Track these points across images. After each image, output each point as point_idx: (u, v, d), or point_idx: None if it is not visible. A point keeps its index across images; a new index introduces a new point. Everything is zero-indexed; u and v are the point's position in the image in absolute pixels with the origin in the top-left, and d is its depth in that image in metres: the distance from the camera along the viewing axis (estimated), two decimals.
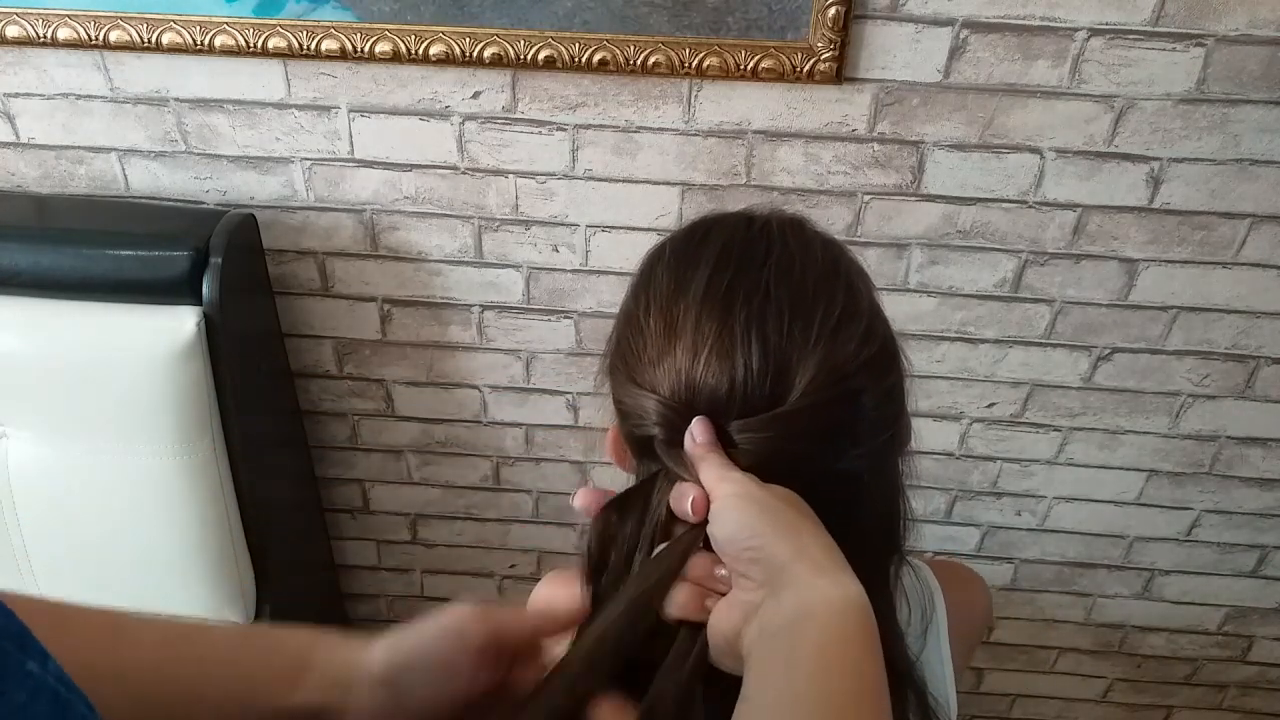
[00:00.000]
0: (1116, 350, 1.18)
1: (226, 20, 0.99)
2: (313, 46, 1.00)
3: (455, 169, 1.10)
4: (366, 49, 1.00)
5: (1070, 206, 1.07)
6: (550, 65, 0.99)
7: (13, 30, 1.00)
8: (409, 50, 0.99)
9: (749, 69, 0.98)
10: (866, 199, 1.08)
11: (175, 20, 1.00)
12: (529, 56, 0.99)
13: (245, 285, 1.10)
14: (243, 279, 1.09)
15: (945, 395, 1.23)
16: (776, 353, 0.48)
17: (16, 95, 1.08)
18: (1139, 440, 1.25)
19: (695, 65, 0.98)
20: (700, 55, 0.98)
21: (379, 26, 0.99)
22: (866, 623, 0.41)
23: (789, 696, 0.39)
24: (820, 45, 0.96)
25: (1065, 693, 1.56)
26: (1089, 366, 1.19)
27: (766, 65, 0.97)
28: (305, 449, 1.33)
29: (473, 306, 1.20)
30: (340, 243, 1.16)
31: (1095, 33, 0.96)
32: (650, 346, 0.51)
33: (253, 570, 1.16)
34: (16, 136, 1.10)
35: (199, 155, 1.11)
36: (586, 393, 1.27)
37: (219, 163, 1.11)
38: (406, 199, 1.12)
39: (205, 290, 1.01)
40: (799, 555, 0.42)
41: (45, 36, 1.01)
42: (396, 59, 1.00)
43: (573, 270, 1.16)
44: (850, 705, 0.39)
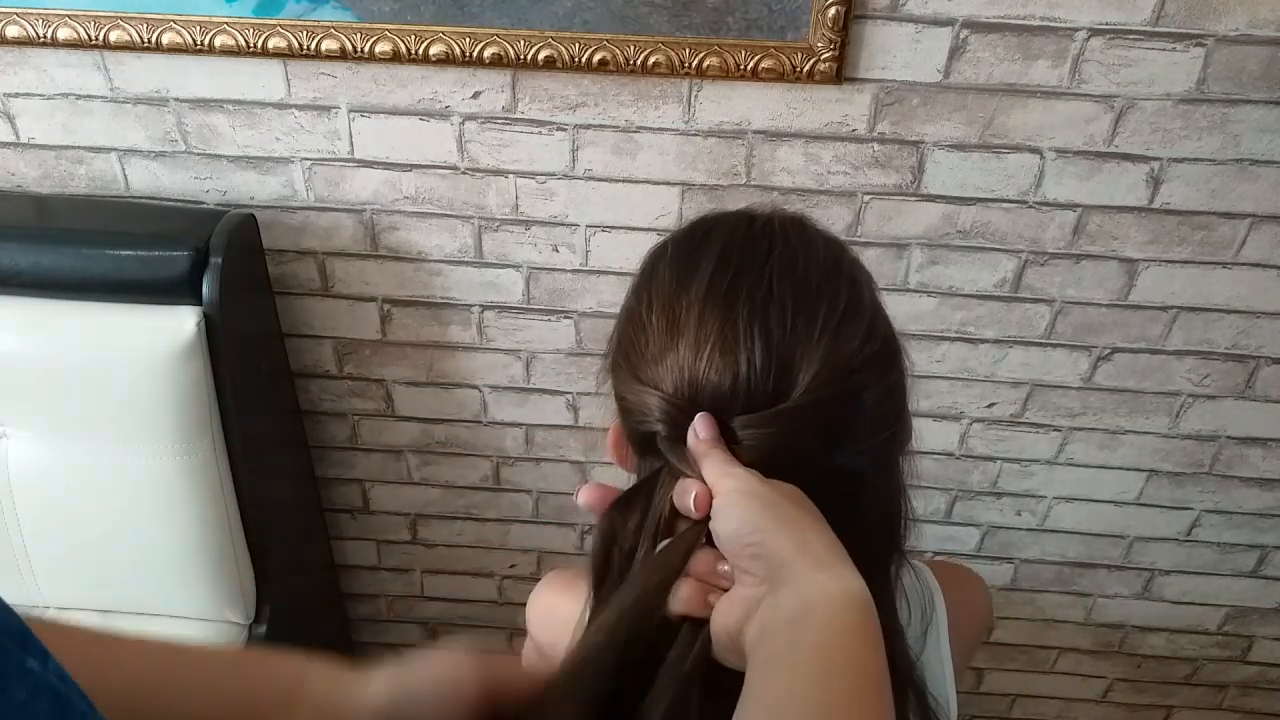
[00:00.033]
0: (1116, 350, 1.18)
1: (226, 20, 0.99)
2: (313, 46, 1.00)
3: (455, 169, 1.10)
4: (366, 49, 1.00)
5: (1070, 206, 1.07)
6: (550, 65, 0.99)
7: (13, 30, 1.00)
8: (409, 50, 0.99)
9: (749, 69, 0.98)
10: (866, 199, 1.08)
11: (175, 20, 1.00)
12: (529, 56, 0.99)
13: (245, 285, 1.10)
14: (243, 279, 1.09)
15: (945, 395, 1.23)
16: (780, 348, 0.48)
17: (16, 95, 1.08)
18: (1139, 440, 1.25)
19: (695, 65, 0.98)
20: (700, 55, 0.98)
21: (379, 26, 0.99)
22: (869, 617, 0.41)
23: (791, 692, 0.39)
24: (820, 45, 0.96)
25: (1065, 693, 1.56)
26: (1089, 366, 1.19)
27: (766, 65, 0.97)
28: (305, 449, 1.33)
29: (473, 306, 1.20)
30: (340, 243, 1.16)
31: (1095, 33, 0.96)
32: (653, 343, 0.51)
33: (253, 570, 1.16)
34: (16, 136, 1.10)
35: (199, 155, 1.11)
36: (586, 393, 1.27)
37: (219, 163, 1.11)
38: (406, 199, 1.12)
39: (205, 290, 1.01)
40: (801, 550, 0.42)
41: (45, 36, 1.01)
42: (396, 59, 1.00)
43: (573, 270, 1.16)
44: (854, 700, 0.39)
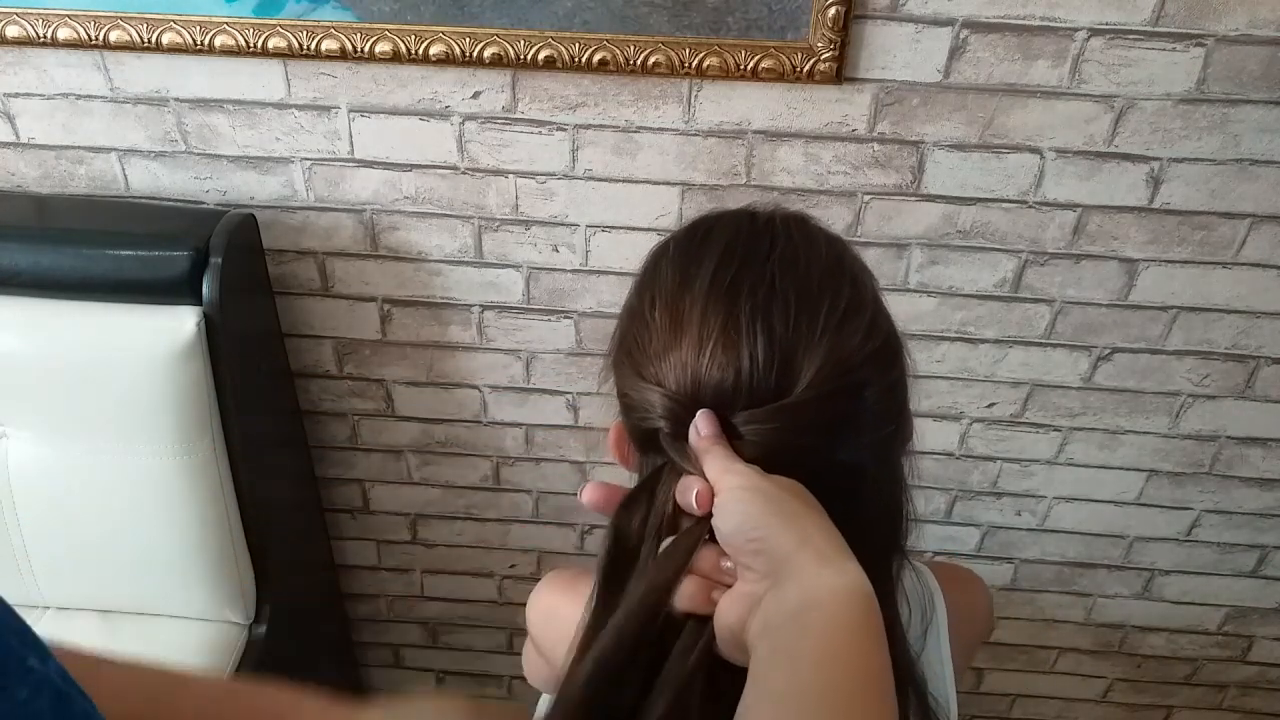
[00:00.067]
0: (1116, 350, 1.18)
1: (226, 20, 0.99)
2: (313, 46, 1.00)
3: (455, 169, 1.09)
4: (366, 49, 1.00)
5: (1070, 206, 1.07)
6: (550, 65, 0.99)
7: (13, 30, 1.00)
8: (409, 50, 0.99)
9: (749, 69, 0.98)
10: (866, 199, 1.08)
11: (175, 20, 1.00)
12: (529, 56, 0.99)
13: (245, 285, 1.10)
14: (243, 279, 1.09)
15: (945, 395, 1.23)
16: (782, 344, 0.48)
17: (16, 95, 1.07)
18: (1139, 440, 1.25)
19: (695, 65, 0.98)
20: (700, 55, 0.98)
21: (379, 26, 0.99)
22: (871, 611, 0.41)
23: (794, 687, 0.39)
24: (820, 45, 0.96)
25: (1065, 693, 1.56)
26: (1089, 366, 1.19)
27: (766, 65, 0.97)
28: (305, 449, 1.33)
29: (473, 306, 1.20)
30: (340, 243, 1.16)
31: (1095, 33, 0.96)
32: (656, 340, 0.51)
33: (253, 570, 1.16)
34: (16, 136, 1.10)
35: (199, 155, 1.11)
36: (586, 393, 1.27)
37: (219, 163, 1.11)
38: (406, 199, 1.12)
39: (205, 290, 1.01)
40: (803, 545, 0.42)
41: (45, 36, 1.01)
42: (396, 59, 1.00)
43: (573, 270, 1.16)
44: (857, 694, 0.39)
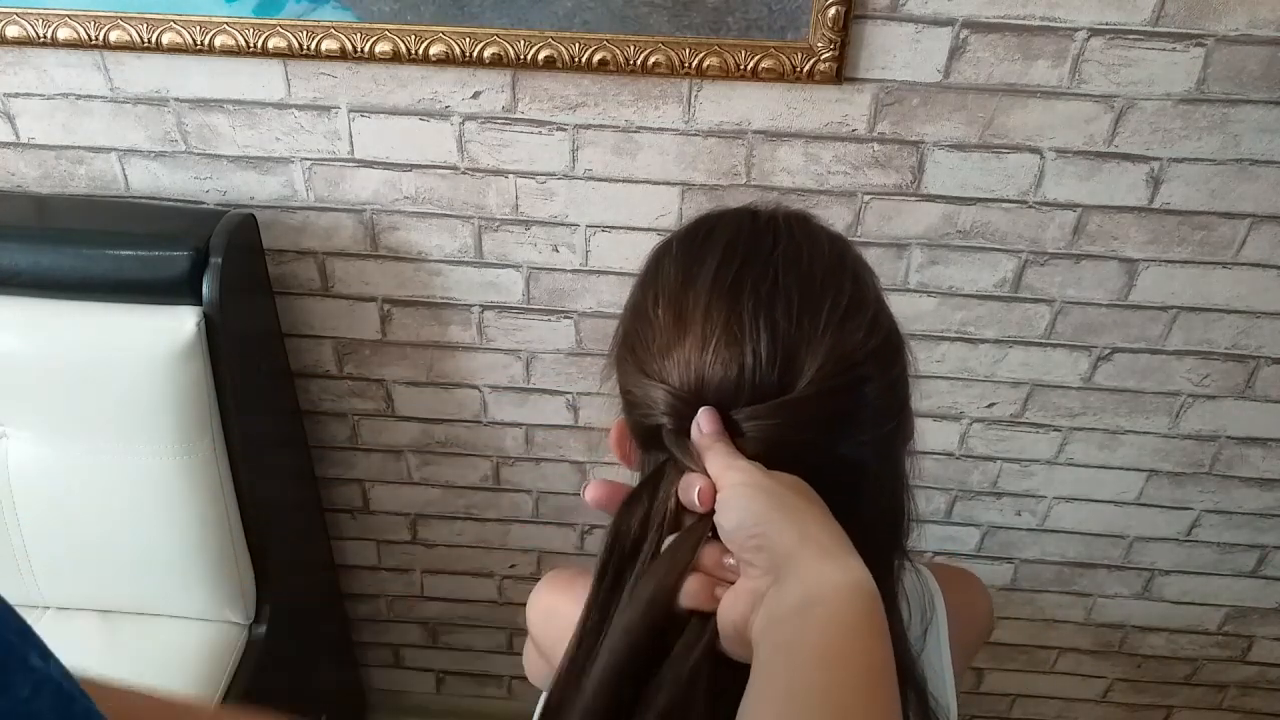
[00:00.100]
0: (1116, 350, 1.18)
1: (226, 20, 0.99)
2: (313, 46, 1.00)
3: (455, 169, 1.09)
4: (366, 49, 1.00)
5: (1070, 206, 1.07)
6: (550, 65, 0.99)
7: (13, 30, 1.00)
8: (409, 50, 0.99)
9: (749, 69, 0.98)
10: (866, 199, 1.08)
11: (175, 20, 1.00)
12: (529, 56, 0.99)
13: (245, 285, 1.10)
14: (243, 279, 1.09)
15: (945, 395, 1.23)
16: (785, 341, 0.48)
17: (16, 95, 1.07)
18: (1139, 440, 1.25)
19: (695, 65, 0.98)
20: (700, 55, 0.98)
21: (379, 26, 0.99)
22: (874, 606, 0.41)
23: (797, 683, 0.39)
24: (820, 45, 0.96)
25: (1065, 693, 1.56)
26: (1089, 366, 1.19)
27: (766, 65, 0.97)
28: (305, 449, 1.33)
29: (473, 306, 1.20)
30: (340, 243, 1.16)
31: (1095, 33, 0.96)
32: (659, 337, 0.51)
33: (253, 570, 1.16)
34: (16, 136, 1.10)
35: (199, 155, 1.11)
36: (586, 393, 1.27)
37: (219, 163, 1.11)
38: (406, 199, 1.12)
39: (205, 290, 1.01)
40: (805, 541, 0.42)
41: (45, 36, 1.01)
42: (396, 59, 1.00)
43: (573, 270, 1.16)
44: (860, 689, 0.39)
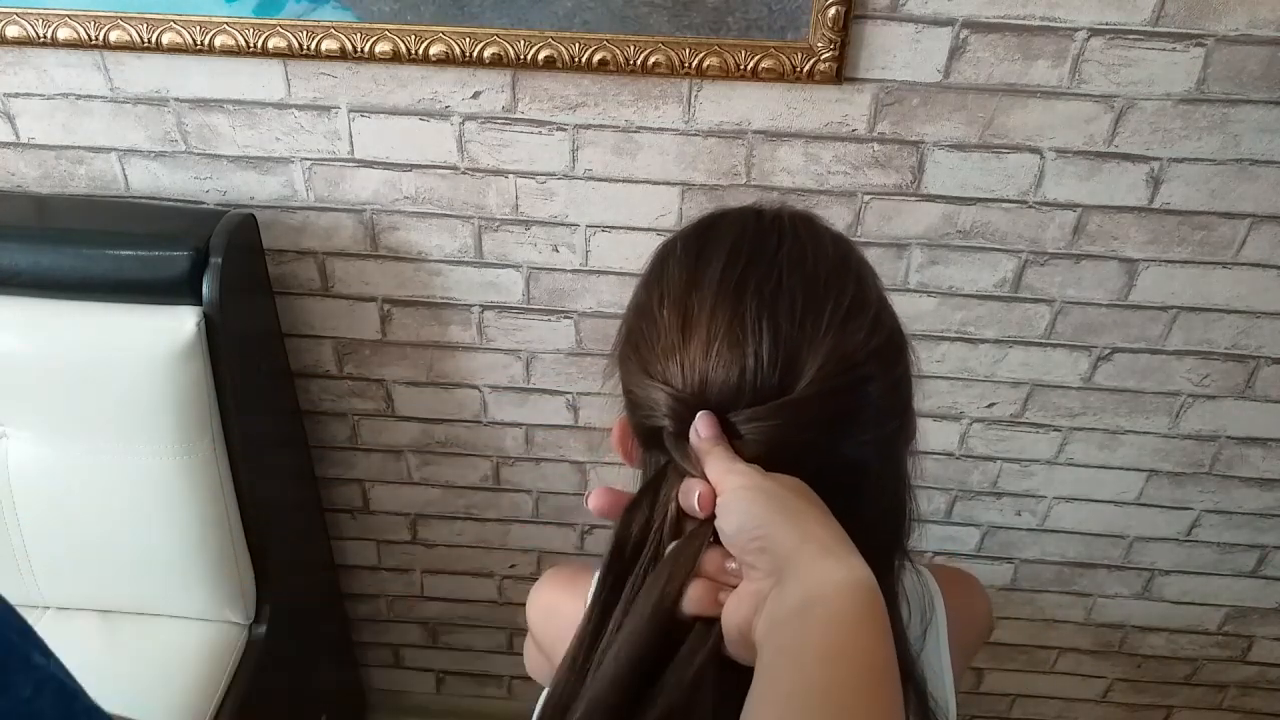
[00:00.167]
0: (1116, 350, 1.18)
1: (226, 20, 0.99)
2: (313, 46, 1.00)
3: (455, 169, 1.09)
4: (366, 49, 1.00)
5: (1070, 206, 1.07)
6: (550, 65, 0.99)
7: (13, 30, 1.00)
8: (409, 50, 0.99)
9: (749, 69, 0.98)
10: (866, 199, 1.08)
11: (175, 20, 1.00)
12: (529, 56, 0.99)
13: (245, 285, 1.10)
14: (243, 279, 1.09)
15: (945, 395, 1.23)
16: (787, 342, 0.48)
17: (16, 95, 1.07)
18: (1139, 440, 1.25)
19: (695, 65, 0.98)
20: (700, 55, 0.98)
21: (379, 26, 0.99)
22: (875, 604, 0.41)
23: (800, 683, 0.39)
24: (820, 45, 0.96)
25: (1065, 693, 1.56)
26: (1089, 366, 1.19)
27: (766, 65, 0.97)
28: (305, 449, 1.33)
29: (473, 306, 1.20)
30: (340, 243, 1.16)
31: (1095, 33, 0.96)
32: (663, 338, 0.51)
33: (253, 570, 1.16)
34: (16, 136, 1.10)
35: (199, 155, 1.11)
36: (586, 393, 1.27)
37: (219, 163, 1.11)
38: (406, 199, 1.12)
39: (205, 290, 1.01)
40: (805, 541, 0.42)
41: (45, 36, 1.01)
42: (396, 59, 1.00)
43: (573, 270, 1.16)
44: (862, 686, 0.39)
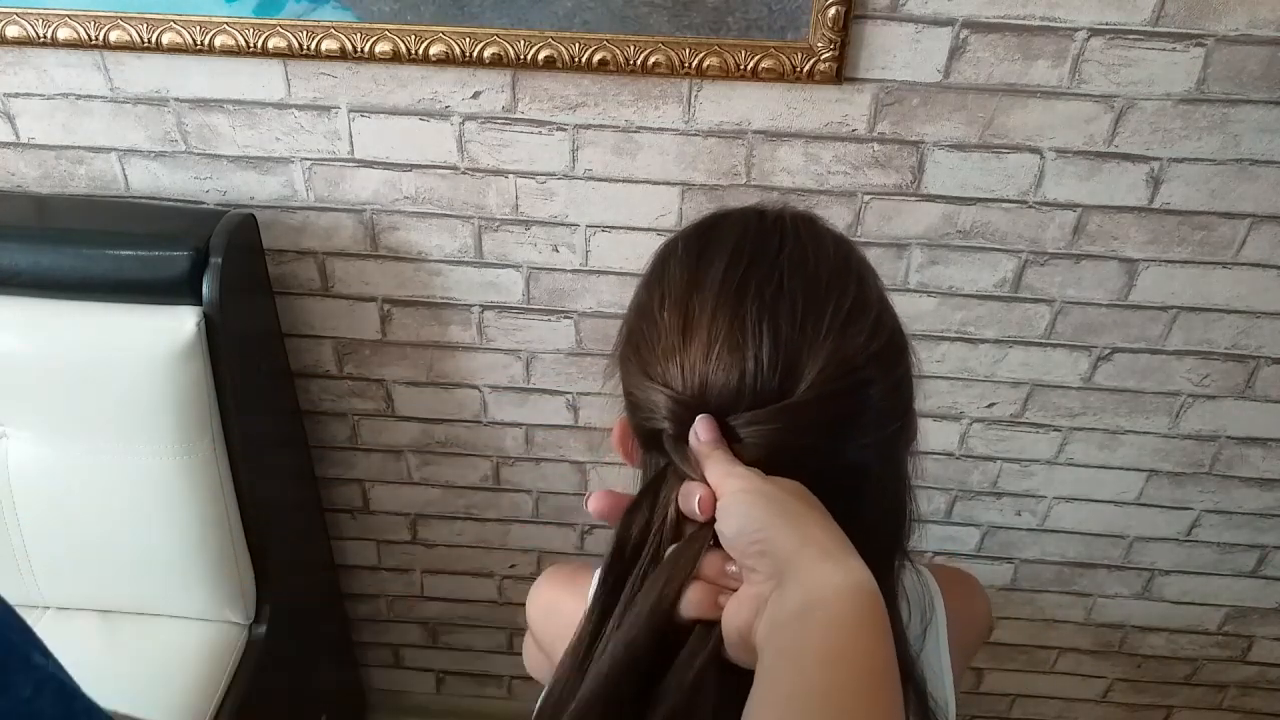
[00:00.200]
0: (1116, 350, 1.18)
1: (226, 20, 0.99)
2: (313, 46, 1.00)
3: (455, 169, 1.09)
4: (366, 49, 1.00)
5: (1070, 206, 1.07)
6: (550, 65, 0.99)
7: (13, 30, 1.00)
8: (409, 50, 0.99)
9: (749, 69, 0.98)
10: (866, 199, 1.08)
11: (175, 20, 1.00)
12: (529, 56, 0.99)
13: (245, 285, 1.10)
14: (243, 279, 1.09)
15: (945, 395, 1.23)
16: (787, 346, 0.48)
17: (16, 95, 1.07)
18: (1139, 440, 1.25)
19: (695, 65, 0.98)
20: (700, 55, 0.98)
21: (379, 26, 0.99)
22: (876, 607, 0.41)
23: (800, 685, 0.39)
24: (820, 45, 0.96)
25: (1065, 693, 1.56)
26: (1089, 366, 1.19)
27: (766, 65, 0.97)
28: (305, 449, 1.33)
29: (473, 306, 1.20)
30: (340, 243, 1.16)
31: (1095, 33, 0.96)
32: (664, 340, 0.51)
33: (253, 570, 1.16)
34: (16, 136, 1.10)
35: (199, 155, 1.11)
36: (586, 393, 1.27)
37: (219, 163, 1.11)
38: (406, 199, 1.12)
39: (205, 290, 1.01)
40: (806, 544, 0.42)
41: (45, 36, 1.01)
42: (396, 59, 1.00)
43: (573, 270, 1.16)
44: (863, 689, 0.39)
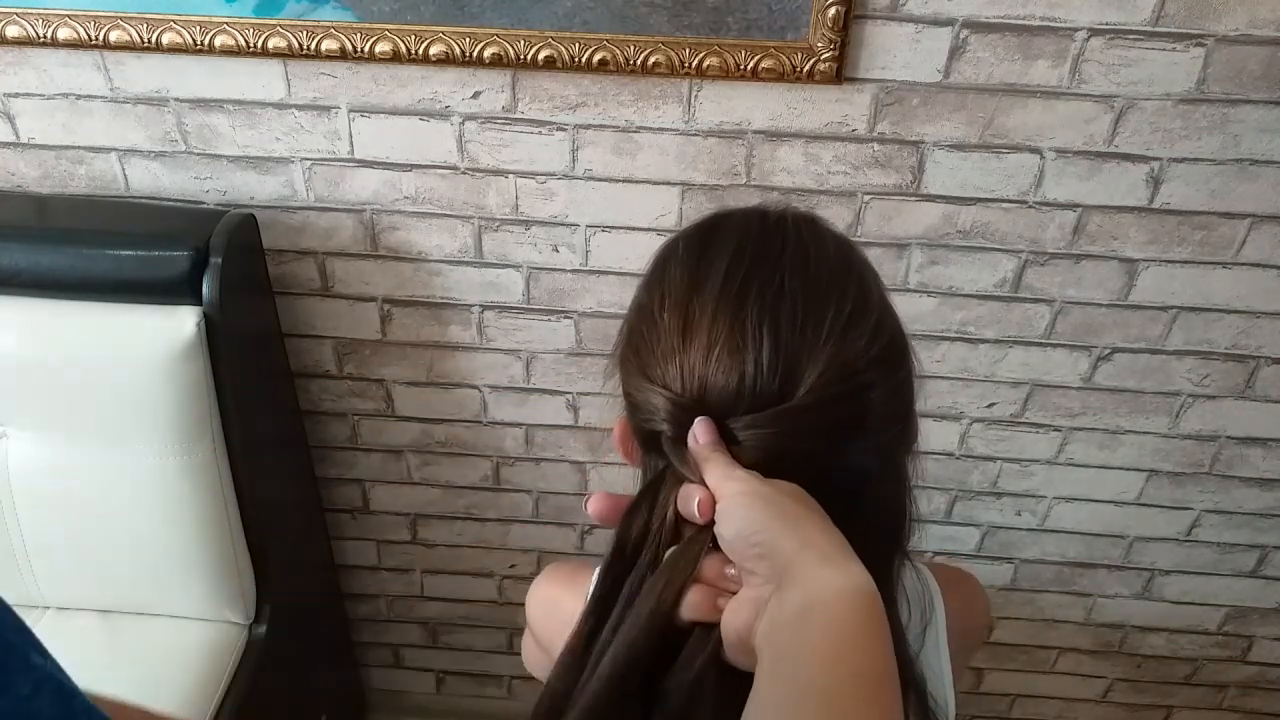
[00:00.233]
0: (1116, 350, 1.18)
1: (226, 20, 0.99)
2: (313, 46, 1.00)
3: (455, 169, 1.10)
4: (366, 49, 1.00)
5: (1070, 206, 1.07)
6: (550, 65, 0.99)
7: (13, 30, 1.00)
8: (409, 50, 0.99)
9: (749, 69, 0.98)
10: (866, 199, 1.08)
11: (175, 20, 1.00)
12: (529, 56, 0.99)
13: (245, 285, 1.10)
14: (243, 279, 1.09)
15: (945, 395, 1.23)
16: (787, 349, 0.48)
17: (16, 95, 1.07)
18: (1139, 440, 1.25)
19: (695, 65, 0.98)
20: (700, 55, 0.98)
21: (379, 26, 0.99)
22: (875, 609, 0.41)
23: (800, 686, 0.39)
24: (820, 45, 0.96)
25: (1065, 693, 1.56)
26: (1089, 366, 1.19)
27: (766, 65, 0.97)
28: (305, 449, 1.33)
29: (473, 306, 1.20)
30: (340, 243, 1.16)
31: (1095, 33, 0.96)
32: (664, 341, 0.51)
33: (253, 570, 1.16)
34: (16, 136, 1.10)
35: (199, 155, 1.11)
36: (586, 393, 1.27)
37: (219, 163, 1.11)
38: (406, 199, 1.12)
39: (205, 290, 1.01)
40: (805, 547, 0.42)
41: (45, 36, 1.01)
42: (396, 59, 1.00)
43: (573, 270, 1.16)
44: (862, 692, 0.39)
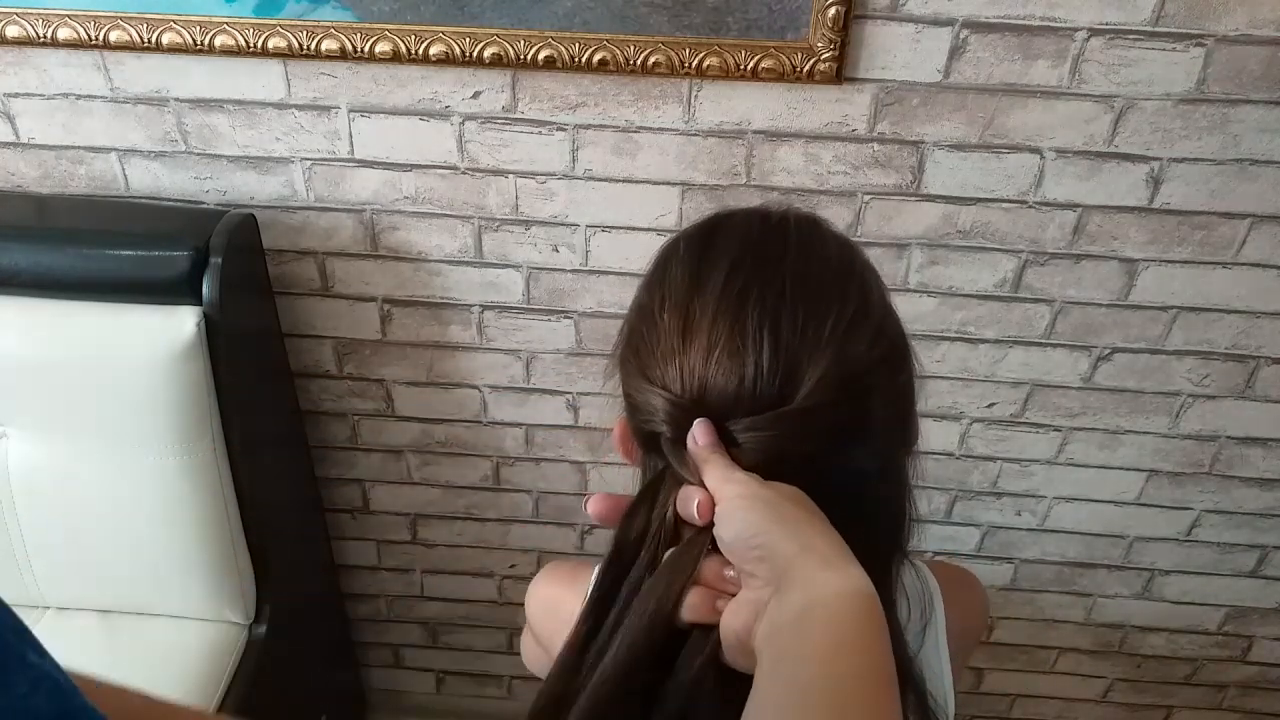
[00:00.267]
0: (1116, 350, 1.18)
1: (226, 20, 0.99)
2: (313, 46, 1.00)
3: (455, 169, 1.10)
4: (366, 49, 1.00)
5: (1070, 206, 1.07)
6: (550, 65, 0.99)
7: (13, 30, 1.00)
8: (409, 50, 0.99)
9: (749, 69, 0.98)
10: (866, 199, 1.08)
11: (175, 20, 1.00)
12: (529, 56, 0.99)
13: (245, 285, 1.10)
14: (243, 279, 1.09)
15: (945, 395, 1.23)
16: (788, 352, 0.48)
17: (16, 95, 1.08)
18: (1139, 440, 1.25)
19: (695, 65, 0.98)
20: (700, 55, 0.98)
21: (379, 26, 0.99)
22: (874, 611, 0.41)
23: (799, 688, 0.39)
24: (820, 45, 0.96)
25: (1065, 693, 1.56)
26: (1089, 366, 1.19)
27: (766, 65, 0.97)
28: (305, 449, 1.33)
29: (473, 306, 1.20)
30: (340, 243, 1.16)
31: (1095, 33, 0.96)
32: (664, 342, 0.51)
33: (253, 570, 1.16)
34: (16, 136, 1.10)
35: (199, 155, 1.11)
36: (586, 393, 1.27)
37: (219, 163, 1.11)
38: (406, 199, 1.12)
39: (205, 290, 1.01)
40: (804, 550, 0.42)
41: (45, 36, 1.01)
42: (396, 59, 1.00)
43: (573, 270, 1.16)
44: (861, 694, 0.39)
